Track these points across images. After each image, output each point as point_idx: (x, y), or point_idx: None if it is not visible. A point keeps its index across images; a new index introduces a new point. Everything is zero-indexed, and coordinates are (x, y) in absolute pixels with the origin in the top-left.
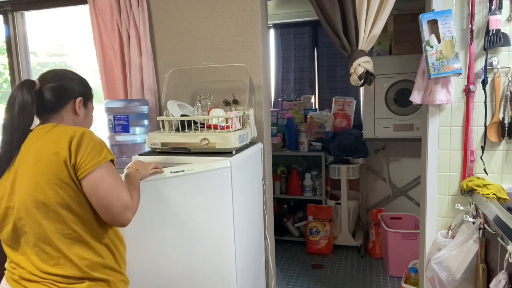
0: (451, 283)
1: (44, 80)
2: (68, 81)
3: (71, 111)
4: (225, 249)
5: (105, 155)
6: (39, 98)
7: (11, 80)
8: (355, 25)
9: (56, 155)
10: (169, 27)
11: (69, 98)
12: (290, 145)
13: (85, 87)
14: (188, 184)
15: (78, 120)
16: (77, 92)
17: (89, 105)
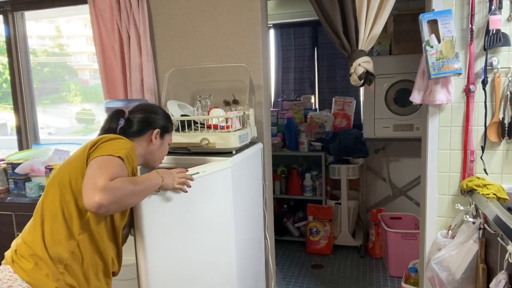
0: (451, 283)
1: (133, 111)
2: (153, 114)
3: (148, 139)
4: (225, 249)
5: (116, 151)
6: (127, 124)
7: (11, 80)
8: (355, 25)
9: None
10: (169, 27)
11: (149, 128)
12: (290, 145)
13: (167, 121)
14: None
15: (151, 149)
16: (158, 125)
17: (165, 137)
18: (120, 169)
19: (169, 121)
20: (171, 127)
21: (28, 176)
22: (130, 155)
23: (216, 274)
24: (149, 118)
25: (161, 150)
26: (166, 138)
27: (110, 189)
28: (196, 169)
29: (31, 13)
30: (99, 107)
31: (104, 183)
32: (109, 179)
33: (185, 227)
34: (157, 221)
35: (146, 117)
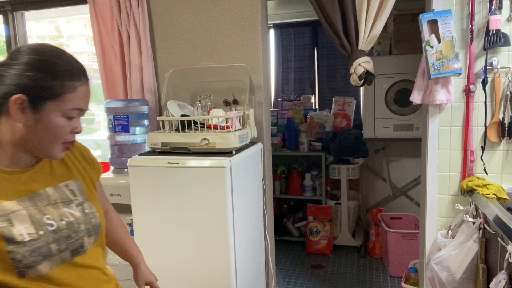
0: (451, 283)
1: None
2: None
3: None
4: (225, 249)
5: None
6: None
7: None
8: (355, 25)
9: None
10: (169, 27)
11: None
12: (290, 145)
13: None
14: (188, 184)
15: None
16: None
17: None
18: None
19: (58, 76)
20: (58, 90)
21: None
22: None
23: (216, 273)
24: (9, 77)
25: (42, 128)
26: (49, 108)
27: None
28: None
29: (31, 13)
30: (99, 107)
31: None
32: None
33: (180, 226)
34: (150, 219)
35: (4, 76)
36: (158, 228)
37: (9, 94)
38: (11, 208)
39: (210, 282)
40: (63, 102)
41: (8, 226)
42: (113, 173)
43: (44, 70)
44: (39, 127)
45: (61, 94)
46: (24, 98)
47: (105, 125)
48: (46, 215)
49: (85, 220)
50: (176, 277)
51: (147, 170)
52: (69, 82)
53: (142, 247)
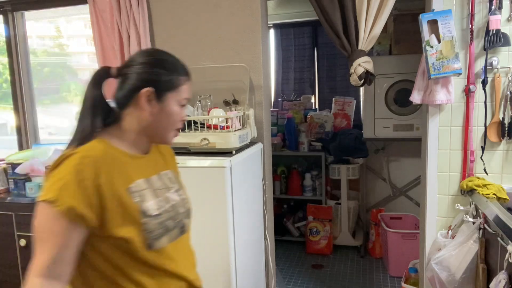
0: (451, 283)
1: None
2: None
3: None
4: (224, 249)
5: (47, 192)
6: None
7: (11, 80)
8: (355, 25)
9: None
10: (169, 27)
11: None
12: (290, 145)
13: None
14: (188, 184)
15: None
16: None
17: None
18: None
19: (174, 72)
20: (175, 82)
21: (28, 176)
22: (68, 186)
23: (216, 273)
24: (136, 74)
25: (164, 115)
26: (169, 98)
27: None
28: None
29: (31, 13)
30: None
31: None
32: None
33: None
34: None
35: (132, 74)
36: None
37: (137, 88)
38: (142, 186)
39: (210, 282)
40: (178, 93)
41: (142, 201)
42: None
43: (165, 67)
44: (162, 115)
45: (177, 86)
46: (151, 90)
47: None
48: (159, 197)
49: (183, 204)
50: None
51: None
52: (182, 76)
53: None
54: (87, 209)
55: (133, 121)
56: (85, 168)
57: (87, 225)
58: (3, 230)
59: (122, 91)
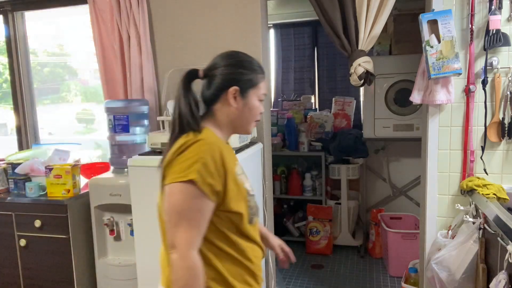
0: (451, 283)
1: (208, 67)
2: (226, 68)
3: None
4: None
5: (186, 173)
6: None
7: (11, 80)
8: (355, 25)
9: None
10: (169, 27)
11: (222, 90)
12: (290, 145)
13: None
14: None
15: (234, 112)
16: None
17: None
18: (202, 209)
19: (253, 71)
20: (255, 80)
21: (28, 176)
22: (207, 167)
23: None
24: (221, 75)
25: (247, 110)
26: (251, 94)
27: (176, 257)
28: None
29: (31, 13)
30: (99, 107)
31: (177, 244)
32: (183, 240)
33: None
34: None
35: (218, 75)
36: (158, 228)
37: (224, 87)
38: (240, 169)
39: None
40: (258, 89)
41: (244, 182)
42: (113, 173)
43: (246, 67)
44: (245, 109)
45: (257, 83)
46: (237, 89)
47: (105, 125)
48: (248, 180)
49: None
50: None
51: (147, 170)
52: (260, 74)
53: (142, 247)
54: (220, 187)
55: (223, 115)
56: (215, 151)
57: (217, 201)
58: (3, 230)
59: (210, 90)
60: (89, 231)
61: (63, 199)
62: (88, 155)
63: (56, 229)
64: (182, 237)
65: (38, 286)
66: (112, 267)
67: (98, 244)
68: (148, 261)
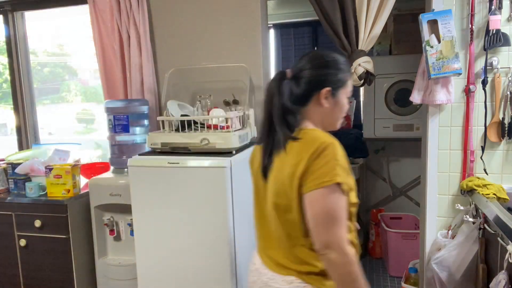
0: (451, 283)
1: (297, 68)
2: (318, 69)
3: (317, 102)
4: (224, 249)
5: (331, 176)
6: (293, 87)
7: (11, 80)
8: (355, 25)
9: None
10: (169, 27)
11: (314, 90)
12: None
13: (338, 72)
14: (188, 184)
15: (325, 112)
16: (326, 83)
17: (340, 92)
18: (344, 206)
19: (341, 70)
20: (344, 79)
21: (28, 176)
22: (344, 165)
23: (216, 272)
24: (312, 76)
25: (338, 108)
26: (341, 93)
27: (336, 255)
28: (176, 160)
29: (31, 13)
30: (99, 107)
31: (334, 239)
32: (339, 228)
33: (180, 226)
34: (150, 219)
35: (309, 77)
36: (158, 228)
37: (316, 88)
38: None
39: (210, 282)
40: (347, 87)
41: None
42: (113, 173)
43: (336, 67)
44: (336, 108)
45: (346, 82)
46: (329, 89)
47: (105, 125)
48: None
49: None
50: (176, 277)
51: (147, 170)
52: (347, 73)
53: (142, 247)
54: (351, 183)
55: (316, 114)
56: (342, 151)
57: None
58: (3, 230)
59: (301, 91)
60: (89, 231)
61: (63, 199)
62: (88, 155)
63: (56, 229)
64: (336, 236)
65: (38, 286)
66: (112, 267)
67: (98, 244)
68: (148, 261)
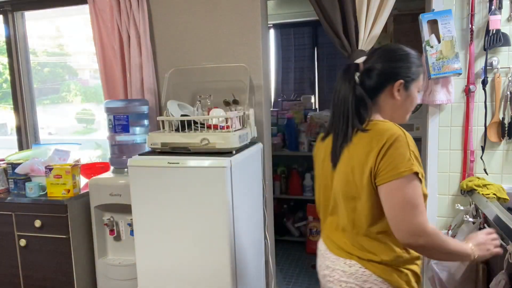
0: (451, 283)
1: (368, 60)
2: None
3: (389, 94)
4: (224, 249)
5: (408, 166)
6: (364, 79)
7: (11, 80)
8: (355, 25)
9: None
10: (169, 27)
11: (388, 82)
12: (290, 145)
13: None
14: (188, 184)
15: (396, 104)
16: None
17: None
18: (421, 193)
19: (414, 64)
20: (416, 72)
21: (28, 176)
22: (417, 154)
23: (215, 273)
24: (386, 69)
25: (409, 101)
26: (413, 87)
27: (424, 239)
28: (176, 160)
29: (31, 13)
30: (99, 107)
31: (417, 225)
32: (421, 215)
33: (180, 226)
34: (150, 219)
35: (382, 69)
36: (158, 228)
37: (389, 81)
38: None
39: (210, 282)
40: (419, 81)
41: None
42: (113, 173)
43: (409, 61)
44: (407, 100)
45: (418, 75)
46: (402, 82)
47: (105, 125)
48: None
49: None
50: (176, 277)
51: (147, 170)
52: (420, 67)
53: (142, 247)
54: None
55: (386, 106)
56: (413, 142)
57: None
58: (3, 230)
59: (373, 83)
60: (89, 231)
61: (63, 199)
62: (88, 155)
63: (56, 229)
64: (419, 223)
65: (38, 286)
66: (112, 267)
67: (98, 244)
68: (148, 261)
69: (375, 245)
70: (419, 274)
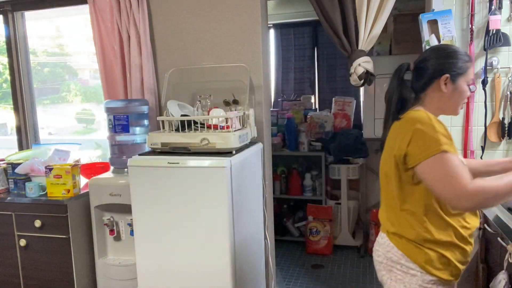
0: None
1: (419, 59)
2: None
3: (436, 88)
4: (224, 249)
5: (436, 146)
6: (414, 77)
7: (11, 80)
8: (355, 25)
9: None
10: (169, 27)
11: (434, 77)
12: (290, 145)
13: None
14: (188, 184)
15: (444, 97)
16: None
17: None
18: (457, 163)
19: (461, 59)
20: (464, 67)
21: (28, 176)
22: (445, 134)
23: (215, 273)
24: (434, 65)
25: (457, 94)
26: (460, 80)
27: (476, 198)
28: (176, 160)
29: (31, 13)
30: (99, 107)
31: (459, 188)
32: (461, 178)
33: (180, 225)
34: (150, 219)
35: (430, 66)
36: (158, 228)
37: (436, 76)
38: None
39: (210, 282)
40: (467, 75)
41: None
42: (113, 173)
43: (455, 57)
44: (455, 94)
45: (466, 70)
46: (448, 76)
47: (105, 125)
48: None
49: None
50: (176, 277)
51: (147, 170)
52: (468, 62)
53: (142, 247)
54: (454, 148)
55: (433, 100)
56: (438, 122)
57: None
58: (3, 230)
59: (422, 79)
60: (89, 231)
61: (63, 199)
62: (88, 155)
63: (56, 229)
64: (461, 186)
65: (38, 286)
66: (112, 267)
67: (98, 244)
68: (148, 261)
69: (401, 222)
70: (450, 258)
